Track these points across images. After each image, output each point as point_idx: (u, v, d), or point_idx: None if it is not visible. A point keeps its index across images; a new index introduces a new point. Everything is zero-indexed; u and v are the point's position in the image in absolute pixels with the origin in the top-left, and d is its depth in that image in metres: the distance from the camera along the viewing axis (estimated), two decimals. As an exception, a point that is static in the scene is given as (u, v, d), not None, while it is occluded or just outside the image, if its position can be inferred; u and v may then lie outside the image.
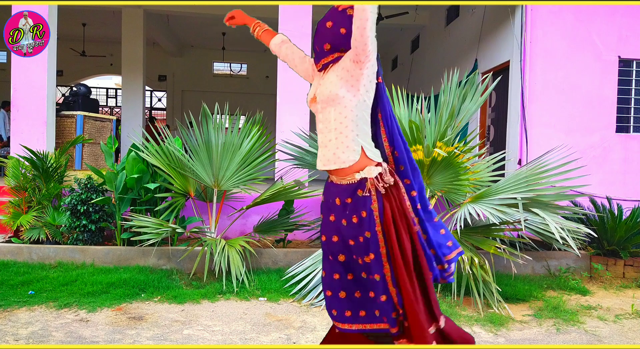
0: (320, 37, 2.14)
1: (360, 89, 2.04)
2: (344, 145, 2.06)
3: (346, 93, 2.03)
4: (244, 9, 8.71)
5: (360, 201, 2.06)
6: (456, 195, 4.73)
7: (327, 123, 2.10)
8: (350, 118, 2.04)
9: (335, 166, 2.09)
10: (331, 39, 2.10)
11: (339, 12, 2.08)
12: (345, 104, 2.04)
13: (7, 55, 13.92)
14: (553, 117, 6.25)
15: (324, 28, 2.12)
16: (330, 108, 2.07)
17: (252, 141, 4.97)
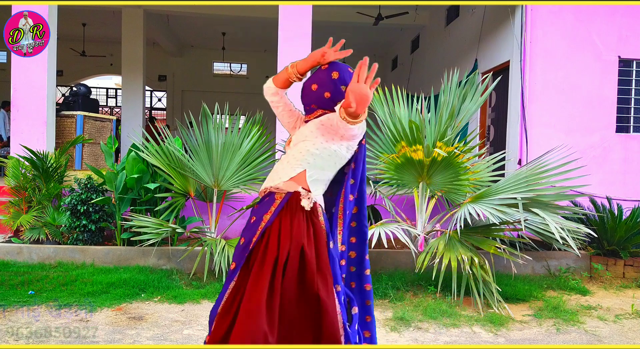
0: (306, 97, 2.13)
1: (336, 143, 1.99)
2: (290, 165, 2.02)
3: (320, 136, 1.99)
4: (244, 8, 8.75)
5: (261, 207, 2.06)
6: (456, 195, 4.73)
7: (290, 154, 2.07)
8: (311, 153, 1.99)
9: (271, 183, 2.06)
10: (316, 101, 2.09)
11: (324, 74, 2.05)
12: (314, 142, 2.00)
13: (7, 55, 13.91)
14: (553, 117, 6.25)
15: (310, 90, 2.09)
16: (301, 143, 2.04)
17: (252, 141, 4.97)
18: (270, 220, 1.99)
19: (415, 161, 4.60)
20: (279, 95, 2.21)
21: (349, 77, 2.05)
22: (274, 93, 2.20)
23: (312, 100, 2.10)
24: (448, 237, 4.36)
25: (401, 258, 4.75)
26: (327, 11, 9.67)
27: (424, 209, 4.79)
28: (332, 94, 2.03)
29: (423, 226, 4.78)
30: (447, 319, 3.72)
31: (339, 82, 2.03)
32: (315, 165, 2.01)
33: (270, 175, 2.12)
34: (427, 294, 4.27)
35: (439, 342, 3.34)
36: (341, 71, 2.05)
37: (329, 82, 2.04)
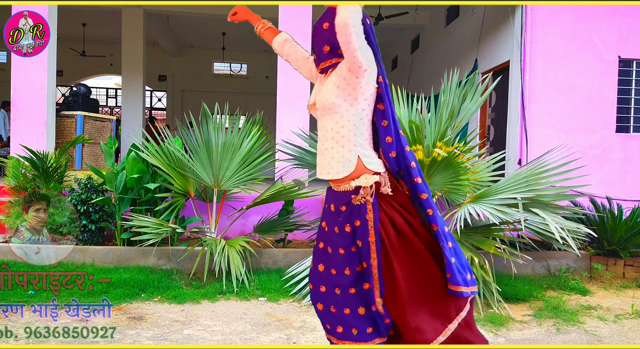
0: (318, 39, 2.08)
1: (359, 98, 1.98)
2: (340, 154, 2.01)
3: (343, 102, 1.98)
4: (244, 9, 8.36)
5: (355, 209, 2.01)
6: (456, 195, 4.73)
7: (324, 131, 2.05)
8: (348, 128, 1.99)
9: (329, 176, 2.05)
10: (329, 41, 2.03)
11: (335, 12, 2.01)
12: (342, 113, 1.99)
13: (7, 55, 13.91)
14: (553, 117, 6.25)
15: (321, 29, 2.06)
16: (328, 117, 2.03)
17: (252, 141, 4.97)
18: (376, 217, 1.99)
19: (415, 161, 4.60)
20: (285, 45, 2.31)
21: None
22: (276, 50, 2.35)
23: (324, 40, 2.06)
24: (448, 237, 4.35)
25: (401, 258, 4.74)
26: (327, 11, 9.65)
27: (424, 209, 4.78)
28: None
29: (423, 226, 4.77)
30: (447, 319, 3.72)
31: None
32: (357, 140, 2.01)
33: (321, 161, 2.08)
34: (427, 294, 4.26)
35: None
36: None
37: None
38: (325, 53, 2.07)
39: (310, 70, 2.26)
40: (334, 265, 2.08)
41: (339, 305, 2.07)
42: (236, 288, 4.22)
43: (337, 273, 2.07)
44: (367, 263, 2.01)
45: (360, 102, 1.99)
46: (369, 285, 2.03)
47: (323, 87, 2.08)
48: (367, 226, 1.99)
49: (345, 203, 2.04)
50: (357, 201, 2.01)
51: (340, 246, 2.06)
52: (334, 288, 2.08)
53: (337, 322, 2.08)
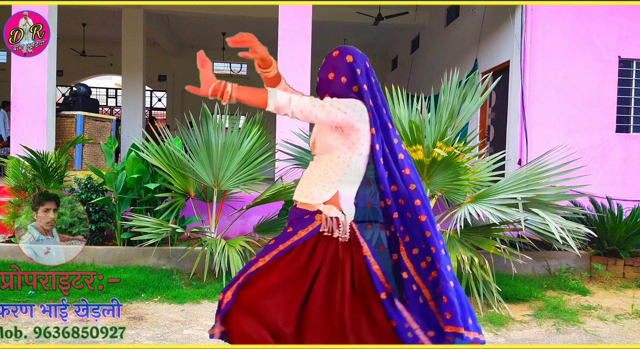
0: (323, 87, 2.10)
1: (356, 143, 2.01)
2: (322, 183, 2.03)
3: (341, 145, 2.01)
4: (244, 8, 8.74)
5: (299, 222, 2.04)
6: (456, 195, 4.73)
7: (318, 162, 2.08)
8: (340, 167, 2.02)
9: (307, 200, 2.05)
10: (335, 90, 2.05)
11: (337, 60, 2.05)
12: (339, 155, 2.02)
13: (7, 55, 13.91)
14: (553, 117, 6.25)
15: (327, 79, 2.07)
16: (326, 155, 2.06)
17: (252, 141, 4.97)
18: (305, 237, 2.00)
19: (415, 161, 4.60)
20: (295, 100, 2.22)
21: (360, 60, 2.05)
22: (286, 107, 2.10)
23: (330, 90, 2.06)
24: (448, 237, 4.36)
25: (401, 258, 4.74)
26: (327, 11, 9.67)
27: (424, 209, 4.78)
28: (348, 79, 2.02)
29: (423, 226, 4.77)
30: (447, 319, 3.72)
31: (355, 65, 2.02)
32: (345, 181, 2.03)
33: (303, 186, 2.09)
34: (427, 294, 4.26)
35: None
36: (354, 54, 2.04)
37: (344, 67, 2.03)
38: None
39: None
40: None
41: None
42: (236, 288, 4.22)
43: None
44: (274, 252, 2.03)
45: (357, 147, 2.02)
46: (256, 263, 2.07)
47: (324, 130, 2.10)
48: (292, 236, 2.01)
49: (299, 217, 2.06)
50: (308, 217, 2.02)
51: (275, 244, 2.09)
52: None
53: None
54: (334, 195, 2.03)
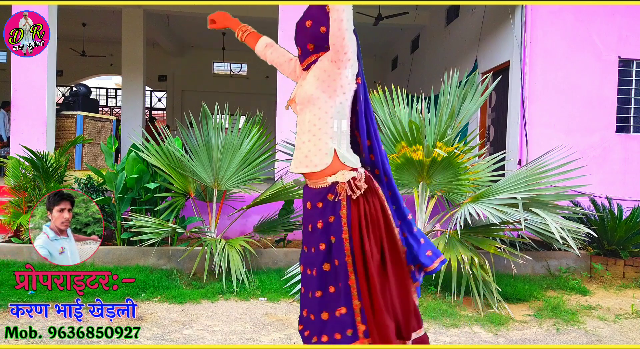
0: (301, 37, 2.08)
1: (337, 90, 1.98)
2: (317, 147, 2.00)
3: (322, 94, 1.98)
4: (244, 8, 8.74)
5: (330, 206, 2.00)
6: (456, 195, 4.73)
7: (302, 124, 2.05)
8: (324, 120, 1.99)
9: (307, 169, 2.03)
10: (312, 39, 2.04)
11: (318, 10, 2.01)
12: (320, 106, 1.99)
13: (7, 55, 13.91)
14: (553, 117, 6.25)
15: (304, 27, 2.06)
16: (307, 109, 2.02)
17: (252, 141, 4.97)
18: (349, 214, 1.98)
19: (415, 161, 4.60)
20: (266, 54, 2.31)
21: None
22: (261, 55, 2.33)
23: (307, 38, 2.06)
24: (448, 237, 4.36)
25: (401, 258, 4.74)
26: (327, 11, 9.65)
27: (424, 209, 4.79)
28: (327, 28, 1.98)
29: (423, 226, 4.78)
30: (447, 319, 3.72)
31: None
32: (334, 134, 2.01)
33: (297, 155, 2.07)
34: (427, 294, 4.27)
35: (439, 342, 3.34)
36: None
37: (323, 16, 2.00)
38: (309, 50, 2.08)
39: (294, 70, 2.26)
40: (309, 266, 2.07)
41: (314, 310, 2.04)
42: (236, 288, 4.22)
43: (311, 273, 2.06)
44: (340, 261, 1.98)
45: (339, 94, 1.99)
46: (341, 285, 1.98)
47: (304, 81, 2.08)
48: (341, 222, 1.97)
49: (321, 199, 2.03)
50: (334, 198, 1.99)
51: (313, 244, 2.04)
52: (313, 290, 2.05)
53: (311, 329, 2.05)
54: (334, 156, 2.00)
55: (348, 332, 1.97)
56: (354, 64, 1.99)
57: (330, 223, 1.99)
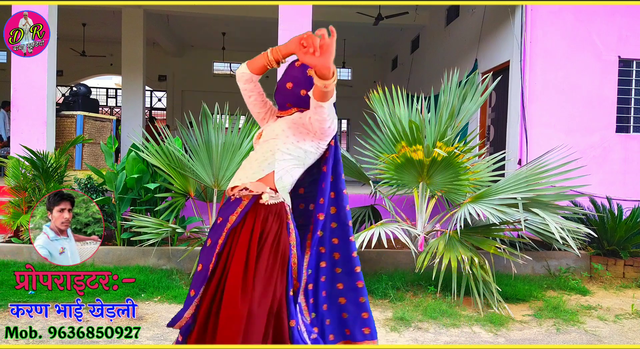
0: (281, 95, 2.11)
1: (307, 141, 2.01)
2: (257, 165, 2.00)
3: (291, 135, 2.00)
4: (244, 8, 8.74)
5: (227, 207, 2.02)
6: (456, 195, 4.73)
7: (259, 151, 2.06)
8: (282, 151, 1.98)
9: (238, 182, 2.02)
10: (291, 99, 2.07)
11: (299, 71, 2.03)
12: (285, 141, 2.00)
13: (7, 55, 13.91)
14: (553, 117, 6.25)
15: (284, 88, 2.08)
16: (271, 140, 2.03)
17: (252, 141, 4.96)
18: (236, 221, 1.97)
19: (415, 161, 4.60)
20: (253, 82, 2.14)
21: None
22: (247, 79, 2.11)
23: (287, 98, 2.08)
24: (448, 237, 4.36)
25: (401, 258, 4.75)
26: (327, 11, 9.67)
27: (424, 209, 4.79)
28: (307, 91, 2.00)
29: (423, 226, 4.78)
30: (447, 319, 3.72)
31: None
32: (283, 166, 1.99)
33: (238, 173, 2.07)
34: (427, 294, 4.27)
35: (439, 342, 3.34)
36: None
37: (304, 80, 2.01)
38: (287, 106, 2.12)
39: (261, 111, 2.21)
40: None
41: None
42: (236, 288, 4.22)
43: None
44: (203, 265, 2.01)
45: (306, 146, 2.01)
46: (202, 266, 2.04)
47: (275, 123, 2.10)
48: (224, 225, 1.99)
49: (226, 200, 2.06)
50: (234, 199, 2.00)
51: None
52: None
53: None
54: (269, 174, 1.98)
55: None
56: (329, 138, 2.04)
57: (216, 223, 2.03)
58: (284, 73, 2.10)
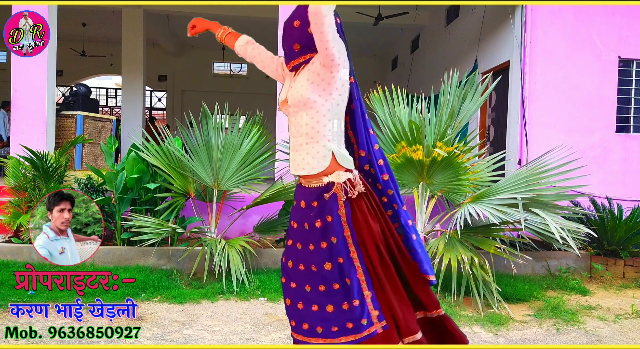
0: (288, 37, 2.07)
1: (333, 93, 1.99)
2: (314, 150, 2.02)
3: (318, 97, 1.99)
4: (244, 8, 8.75)
5: (327, 205, 2.01)
6: (456, 195, 4.73)
7: (298, 127, 2.05)
8: (322, 123, 2.00)
9: (305, 172, 2.05)
10: (300, 39, 2.03)
11: (306, 9, 1.99)
12: (317, 109, 1.99)
13: (7, 55, 13.91)
14: (553, 117, 6.25)
15: (292, 27, 2.05)
16: (302, 112, 2.02)
17: (252, 141, 4.97)
18: (348, 213, 2.01)
19: (415, 161, 4.60)
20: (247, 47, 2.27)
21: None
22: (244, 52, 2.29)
23: (295, 38, 2.05)
24: (448, 237, 4.36)
25: (401, 258, 4.74)
26: (327, 11, 9.65)
27: (424, 209, 4.79)
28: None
29: (423, 226, 4.78)
30: (447, 319, 3.72)
31: None
32: (333, 136, 2.02)
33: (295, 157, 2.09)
34: (427, 294, 4.26)
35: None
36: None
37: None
38: (296, 51, 2.07)
39: (276, 69, 2.26)
40: (302, 261, 2.08)
41: (307, 302, 2.07)
42: (236, 288, 4.22)
43: (305, 268, 2.07)
44: (344, 257, 2.00)
45: (334, 97, 2.00)
46: (349, 280, 2.00)
47: (295, 83, 2.07)
48: (341, 221, 2.00)
49: (316, 198, 2.04)
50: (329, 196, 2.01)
51: (310, 242, 2.05)
52: (304, 284, 2.08)
53: (302, 319, 2.10)
54: (332, 158, 2.02)
55: (362, 321, 2.00)
56: (345, 65, 2.00)
57: (329, 222, 2.01)
58: (290, 14, 2.09)
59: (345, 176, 2.01)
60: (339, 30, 2.02)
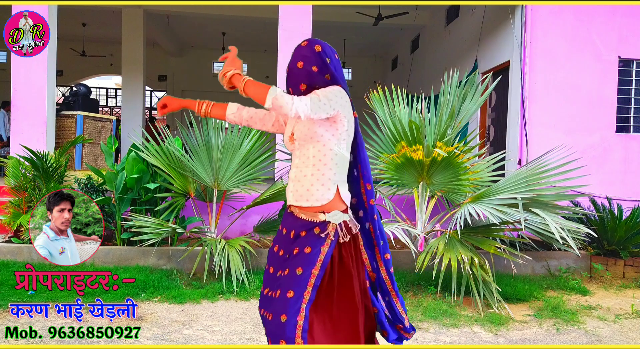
0: (294, 78, 2.08)
1: (340, 128, 2.01)
2: (320, 182, 2.01)
3: (325, 132, 2.00)
4: (244, 8, 8.72)
5: (312, 238, 2.00)
6: (456, 195, 4.73)
7: (304, 158, 2.04)
8: (330, 157, 2.01)
9: (308, 203, 2.02)
10: (305, 79, 2.05)
11: (306, 49, 2.04)
12: (325, 142, 2.00)
13: (7, 55, 13.91)
14: (553, 117, 6.25)
15: (296, 69, 2.06)
16: (309, 145, 2.03)
17: (252, 141, 4.97)
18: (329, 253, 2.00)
19: (415, 161, 4.61)
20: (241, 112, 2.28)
21: (329, 50, 2.06)
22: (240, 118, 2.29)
23: (301, 79, 2.06)
24: (448, 237, 4.36)
25: (401, 258, 4.75)
26: (327, 11, 9.67)
27: (424, 209, 4.79)
28: (319, 67, 2.02)
29: (423, 226, 4.78)
30: (447, 319, 3.72)
31: (323, 54, 2.03)
32: (337, 169, 2.03)
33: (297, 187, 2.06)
34: (427, 294, 4.27)
35: (439, 342, 3.34)
36: (321, 44, 2.05)
37: (314, 56, 2.03)
38: (302, 90, 2.07)
39: (277, 120, 2.24)
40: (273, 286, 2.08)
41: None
42: (236, 288, 4.22)
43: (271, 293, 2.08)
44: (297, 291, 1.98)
45: (341, 132, 2.02)
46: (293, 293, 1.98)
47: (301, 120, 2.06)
48: (317, 257, 1.98)
49: (307, 231, 2.03)
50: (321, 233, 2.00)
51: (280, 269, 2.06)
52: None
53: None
54: (336, 193, 2.03)
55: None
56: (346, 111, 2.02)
57: (305, 253, 1.99)
58: (292, 56, 2.10)
59: (341, 218, 2.02)
60: (337, 66, 2.07)
